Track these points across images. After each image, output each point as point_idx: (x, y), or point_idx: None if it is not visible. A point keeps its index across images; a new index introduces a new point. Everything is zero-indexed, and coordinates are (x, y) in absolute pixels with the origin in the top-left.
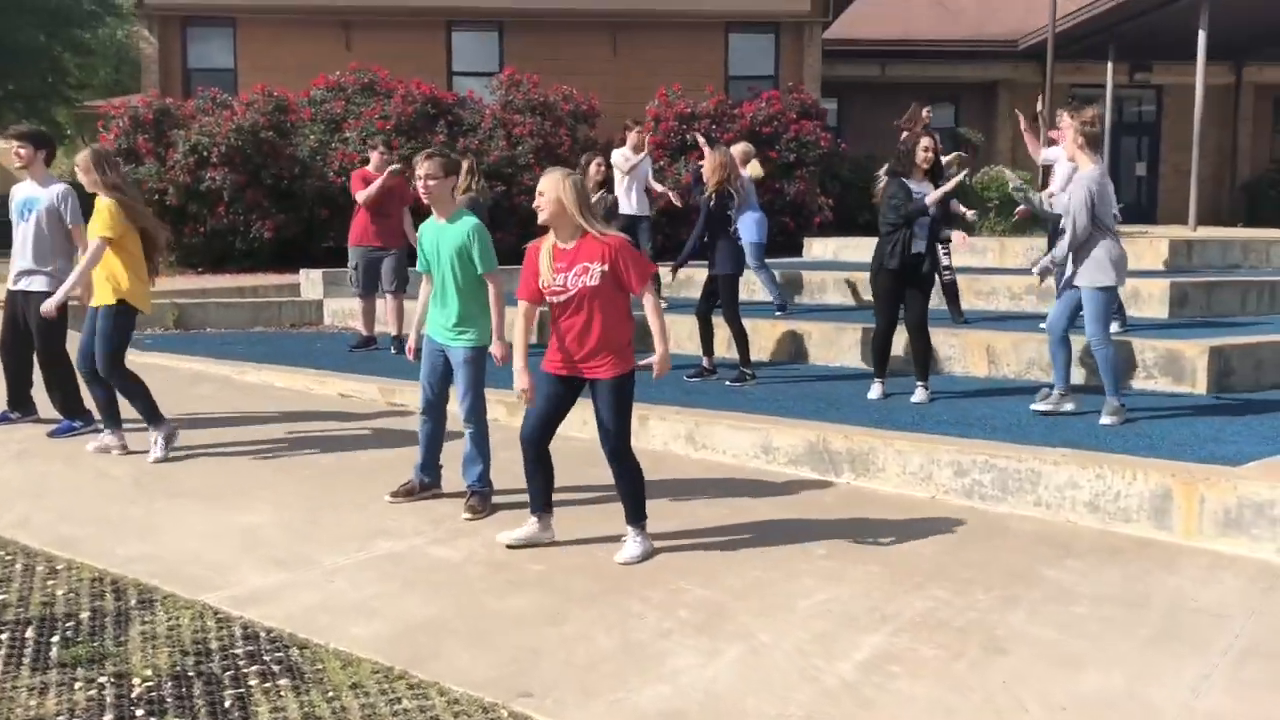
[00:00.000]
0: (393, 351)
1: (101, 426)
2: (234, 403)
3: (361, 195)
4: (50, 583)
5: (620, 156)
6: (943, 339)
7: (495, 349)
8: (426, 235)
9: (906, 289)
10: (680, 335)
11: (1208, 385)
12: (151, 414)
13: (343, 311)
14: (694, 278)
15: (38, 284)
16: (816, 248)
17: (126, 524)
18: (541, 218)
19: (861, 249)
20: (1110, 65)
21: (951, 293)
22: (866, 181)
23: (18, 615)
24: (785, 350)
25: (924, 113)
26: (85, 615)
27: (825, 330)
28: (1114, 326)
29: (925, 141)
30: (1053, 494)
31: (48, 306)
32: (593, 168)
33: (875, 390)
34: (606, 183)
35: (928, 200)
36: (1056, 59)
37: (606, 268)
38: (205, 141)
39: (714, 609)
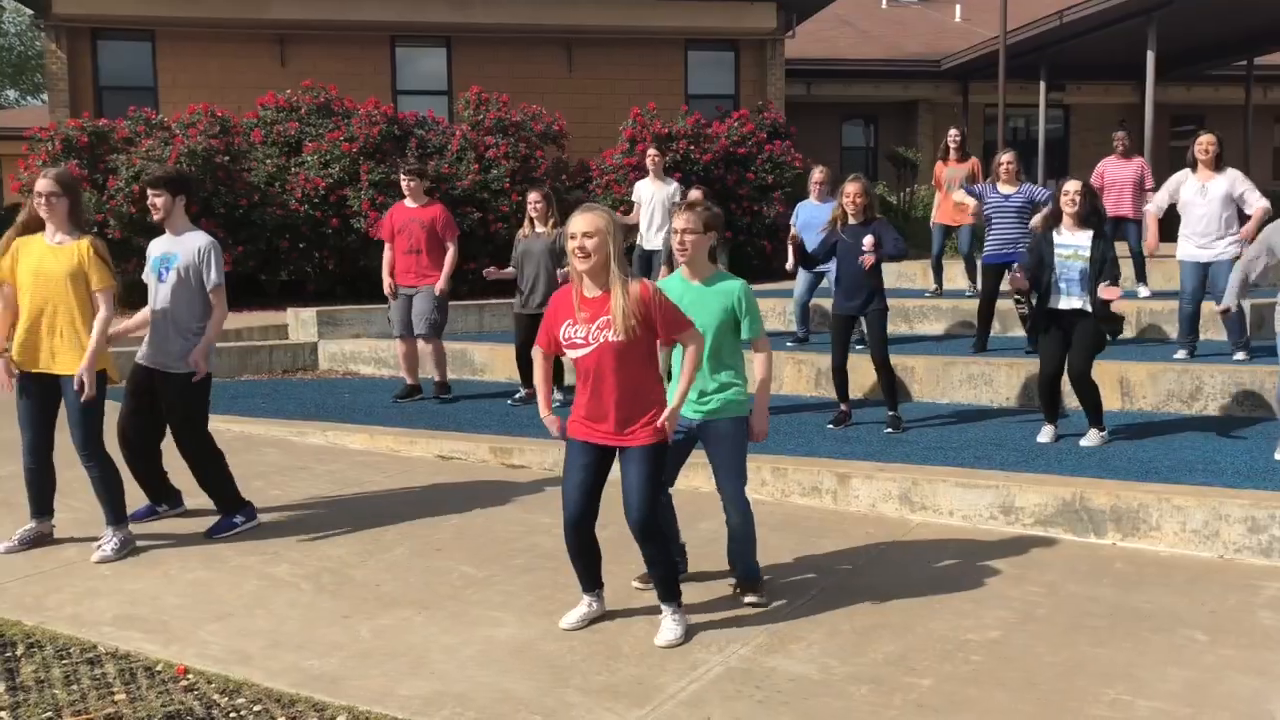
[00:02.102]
0: (439, 401)
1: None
2: (321, 473)
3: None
4: None
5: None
6: None
7: (757, 422)
8: (672, 295)
9: (1072, 335)
10: (792, 376)
11: None
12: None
13: (341, 354)
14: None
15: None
16: None
17: (371, 649)
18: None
19: None
20: (1043, 85)
21: None
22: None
23: None
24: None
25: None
26: None
27: (931, 364)
28: (1181, 353)
29: (1067, 185)
30: None
31: (198, 359)
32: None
33: (1046, 433)
34: None
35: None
36: (978, 79)
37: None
38: (154, 167)
39: None
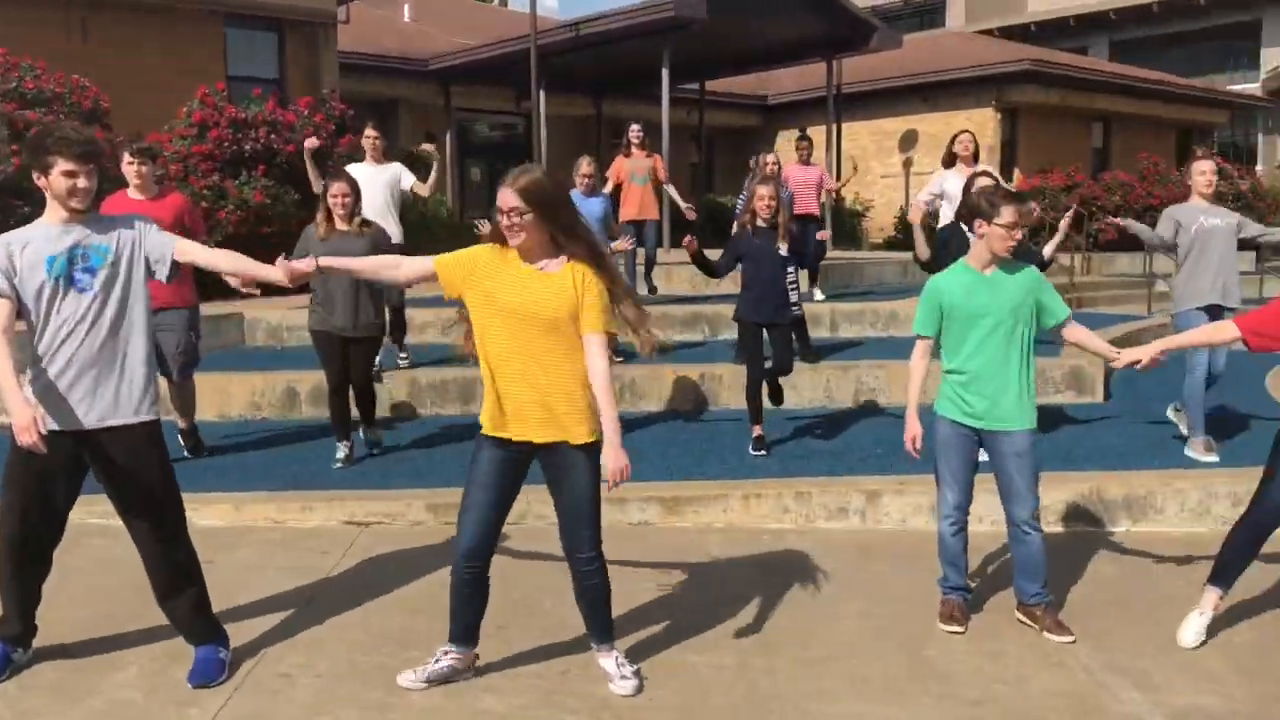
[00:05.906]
0: (185, 453)
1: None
2: (290, 564)
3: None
4: None
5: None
6: None
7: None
8: (958, 288)
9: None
10: None
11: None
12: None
13: None
14: None
15: None
16: None
17: None
18: None
19: None
20: (542, 95)
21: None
22: None
23: None
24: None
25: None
26: None
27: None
28: None
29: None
30: None
31: None
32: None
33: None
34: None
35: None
36: (459, 83)
37: None
38: None
39: None
